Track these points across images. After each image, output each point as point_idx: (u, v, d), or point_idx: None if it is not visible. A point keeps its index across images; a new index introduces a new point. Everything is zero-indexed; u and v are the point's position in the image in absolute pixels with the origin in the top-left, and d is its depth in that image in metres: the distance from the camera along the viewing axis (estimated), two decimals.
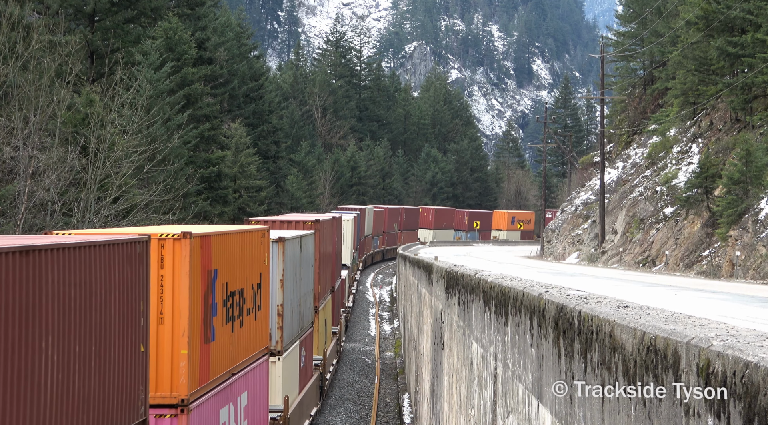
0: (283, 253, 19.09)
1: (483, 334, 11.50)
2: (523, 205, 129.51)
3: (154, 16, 47.17)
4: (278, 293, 19.05)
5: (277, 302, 19.00)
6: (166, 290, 12.14)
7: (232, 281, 14.22)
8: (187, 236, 12.12)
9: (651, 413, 4.71)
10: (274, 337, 18.82)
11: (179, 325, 12.08)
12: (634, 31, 67.01)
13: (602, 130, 55.87)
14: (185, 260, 12.11)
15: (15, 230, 24.39)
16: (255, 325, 15.95)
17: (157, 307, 12.00)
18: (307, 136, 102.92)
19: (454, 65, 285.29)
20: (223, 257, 13.70)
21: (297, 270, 21.35)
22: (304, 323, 22.94)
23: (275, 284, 18.87)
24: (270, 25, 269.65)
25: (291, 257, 20.12)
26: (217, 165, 47.93)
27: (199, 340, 12.48)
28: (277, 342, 19.05)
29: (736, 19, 40.52)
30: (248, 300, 15.33)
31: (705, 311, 15.40)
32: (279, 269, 19.07)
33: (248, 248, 15.49)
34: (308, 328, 23.90)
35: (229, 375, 14.17)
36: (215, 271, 13.26)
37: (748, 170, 34.38)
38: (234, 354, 14.41)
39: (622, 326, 5.24)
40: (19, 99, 27.18)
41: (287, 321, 19.71)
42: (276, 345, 18.98)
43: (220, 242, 13.66)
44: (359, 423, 27.98)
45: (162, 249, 12.13)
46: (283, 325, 19.18)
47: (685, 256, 38.26)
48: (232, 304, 14.19)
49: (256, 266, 16.08)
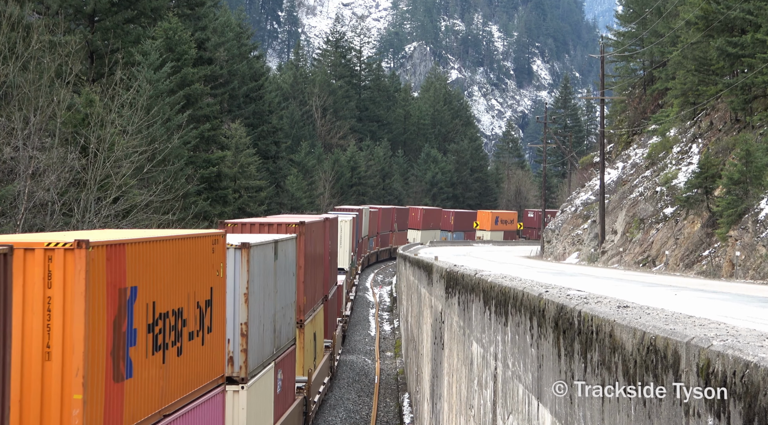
0: (247, 262, 16.35)
1: (483, 334, 11.50)
2: (523, 205, 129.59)
3: (154, 16, 47.18)
4: (242, 309, 16.33)
5: (241, 320, 16.28)
6: (55, 317, 9.52)
7: (163, 301, 11.63)
8: (83, 246, 9.51)
9: (651, 413, 4.71)
10: (236, 362, 16.17)
11: (71, 362, 9.48)
12: (634, 31, 67.02)
13: (602, 130, 55.87)
14: (80, 277, 9.50)
15: (15, 231, 24.41)
16: (203, 351, 13.34)
17: (42, 339, 9.53)
18: (307, 136, 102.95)
19: (454, 65, 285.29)
20: (148, 270, 11.11)
21: (270, 281, 18.65)
22: (281, 341, 20.07)
23: (237, 299, 16.26)
24: (270, 25, 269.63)
25: (260, 266, 17.46)
26: (217, 165, 47.94)
27: (103, 379, 9.92)
28: (240, 367, 16.19)
29: (736, 19, 40.52)
30: (191, 322, 12.71)
31: (705, 311, 15.40)
32: (242, 281, 16.34)
33: (191, 258, 12.82)
34: (288, 346, 21.14)
35: (160, 417, 11.60)
36: (133, 289, 10.63)
37: (748, 170, 34.38)
38: (167, 391, 11.82)
39: (622, 326, 5.24)
40: (19, 99, 27.18)
41: (255, 341, 16.97)
42: (239, 372, 16.18)
43: (141, 252, 10.94)
44: None
45: (50, 263, 9.56)
46: (248, 347, 16.31)
47: (685, 256, 38.26)
48: (163, 329, 11.57)
49: (205, 279, 13.49)
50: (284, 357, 20.30)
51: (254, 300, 16.84)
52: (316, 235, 26.97)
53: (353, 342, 42.38)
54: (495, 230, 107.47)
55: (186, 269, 12.59)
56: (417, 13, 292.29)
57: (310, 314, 25.35)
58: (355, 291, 58.24)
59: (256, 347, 17.11)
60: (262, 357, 17.78)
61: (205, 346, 13.43)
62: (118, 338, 10.26)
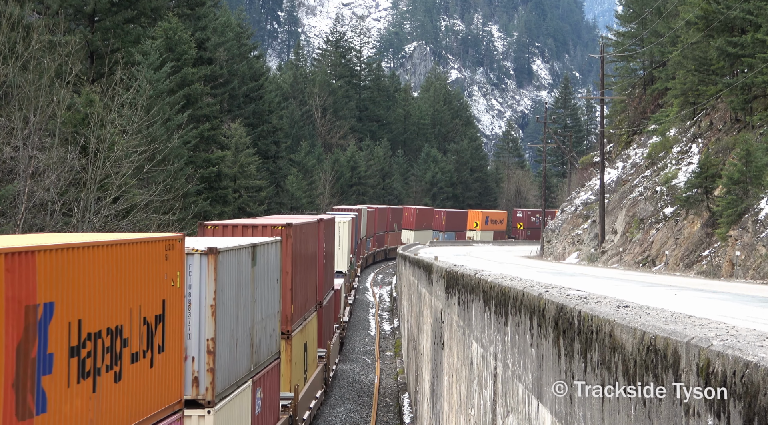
0: (215, 269, 14.59)
1: (483, 334, 11.50)
2: (523, 205, 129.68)
3: (154, 16, 47.22)
4: (208, 323, 14.55)
5: (207, 335, 14.52)
6: None
7: (93, 318, 9.87)
8: None
9: (651, 413, 4.71)
10: (202, 383, 14.41)
11: None
12: (634, 31, 67.03)
13: (602, 130, 55.88)
14: None
15: (15, 231, 24.41)
16: (152, 375, 11.62)
17: None
18: (307, 136, 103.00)
19: (453, 65, 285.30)
20: (70, 283, 9.39)
21: (246, 290, 16.81)
22: (260, 356, 18.06)
23: (203, 312, 14.52)
24: (270, 25, 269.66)
25: (232, 274, 15.71)
26: (217, 165, 47.96)
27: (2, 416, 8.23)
28: (206, 389, 14.41)
29: (736, 19, 40.52)
30: (134, 341, 10.96)
31: (705, 311, 15.40)
32: (209, 291, 14.59)
33: (135, 267, 11.09)
34: (271, 361, 19.17)
35: None
36: (47, 306, 8.92)
37: (748, 170, 34.39)
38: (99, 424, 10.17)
39: (622, 326, 5.24)
40: (19, 99, 27.19)
41: (225, 358, 15.24)
42: (205, 394, 14.37)
43: (60, 260, 9.16)
44: None
45: None
46: (216, 366, 14.55)
47: (685, 256, 38.26)
48: (93, 352, 9.87)
49: (155, 290, 11.82)
50: (265, 373, 18.36)
51: (224, 312, 15.11)
52: (307, 237, 25.01)
53: (353, 342, 42.34)
54: (485, 230, 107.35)
55: (128, 279, 10.83)
56: (417, 13, 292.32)
57: (300, 323, 23.66)
58: (354, 294, 55.92)
59: (227, 365, 15.40)
60: (236, 375, 16.06)
61: (155, 368, 11.67)
62: (25, 366, 8.45)
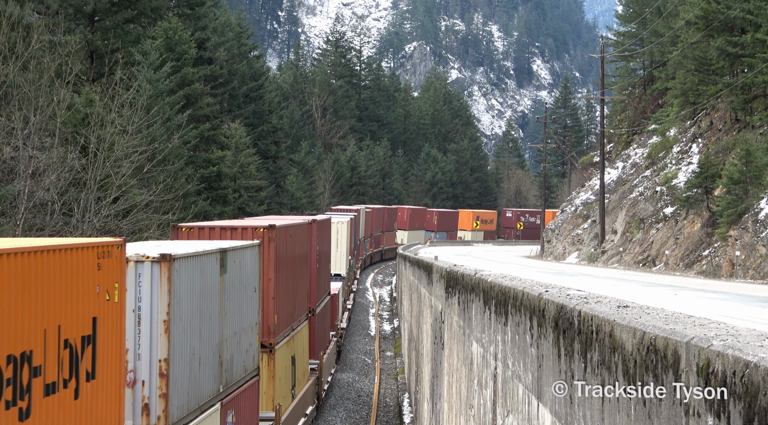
0: (168, 279, 12.66)
1: (483, 334, 11.50)
2: (523, 205, 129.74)
3: (154, 16, 47.23)
4: (160, 342, 12.66)
5: (159, 356, 12.64)
6: None
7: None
8: None
9: (651, 413, 4.71)
10: (154, 411, 12.73)
11: None
12: (634, 31, 67.05)
13: (602, 130, 55.88)
14: None
15: (15, 230, 24.42)
16: (76, 408, 9.88)
17: None
18: (307, 136, 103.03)
19: (454, 65, 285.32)
20: None
21: (212, 301, 14.87)
22: (232, 375, 16.11)
23: (155, 328, 12.64)
24: (270, 25, 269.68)
25: (192, 284, 13.82)
26: (217, 165, 47.97)
27: None
28: (158, 417, 12.75)
29: (736, 19, 40.53)
30: (50, 369, 9.18)
31: (705, 311, 15.40)
32: (161, 304, 12.70)
33: (53, 280, 9.37)
34: (247, 379, 17.20)
35: None
36: None
37: (748, 170, 34.40)
38: None
39: (622, 326, 5.24)
40: (19, 99, 27.20)
41: (183, 381, 13.39)
42: (157, 423, 12.77)
43: None
44: None
45: None
46: (169, 391, 12.75)
47: (685, 256, 38.26)
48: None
49: (82, 307, 10.06)
50: (238, 393, 16.43)
51: (181, 328, 13.20)
52: (295, 240, 22.97)
53: (353, 342, 42.32)
54: (476, 230, 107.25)
55: (41, 295, 9.08)
56: (417, 13, 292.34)
57: (287, 334, 21.71)
58: (354, 297, 53.39)
59: (187, 388, 13.56)
60: (199, 399, 14.13)
61: (81, 400, 9.92)
62: None
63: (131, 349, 12.47)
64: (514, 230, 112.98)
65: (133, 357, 12.49)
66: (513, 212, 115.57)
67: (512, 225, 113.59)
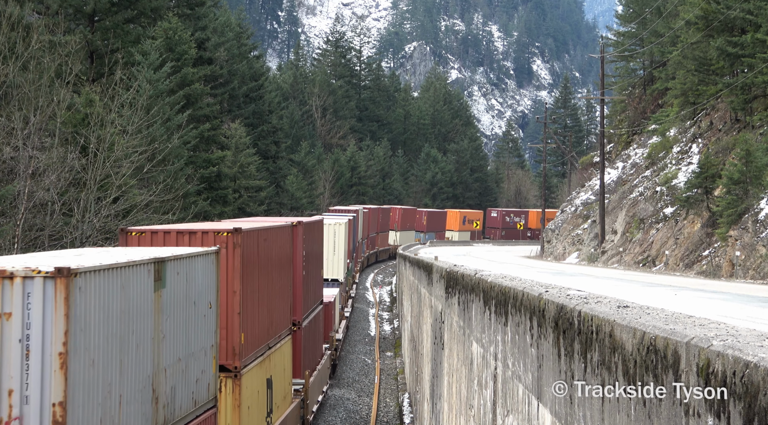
0: (65, 300, 9.67)
1: (483, 334, 11.50)
2: (524, 205, 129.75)
3: (154, 16, 47.23)
4: (54, 380, 9.84)
5: (53, 398, 9.67)
6: None
7: None
8: None
9: (651, 413, 4.71)
10: None
11: None
12: (634, 31, 67.06)
13: (602, 130, 55.90)
14: None
15: (15, 230, 24.42)
16: None
17: None
18: (307, 136, 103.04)
19: (453, 65, 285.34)
20: None
21: (140, 324, 11.90)
22: (175, 411, 13.20)
23: (47, 363, 9.83)
24: (270, 25, 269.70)
25: (109, 304, 10.91)
26: (217, 165, 47.98)
27: None
28: None
29: (736, 19, 40.53)
30: None
31: (705, 311, 15.40)
32: (55, 332, 9.83)
33: None
34: (199, 413, 14.25)
35: None
36: None
37: (748, 170, 34.40)
38: None
39: (622, 326, 5.24)
40: (19, 99, 27.20)
41: None
42: None
43: None
44: None
45: None
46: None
47: (685, 256, 38.26)
48: None
49: None
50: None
51: (86, 362, 10.25)
52: (271, 245, 20.00)
53: (352, 343, 42.29)
54: (462, 230, 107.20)
55: None
56: (417, 13, 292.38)
57: (261, 353, 18.59)
58: (352, 303, 50.00)
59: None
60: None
61: None
62: None
63: (16, 390, 9.83)
64: (499, 230, 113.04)
65: (20, 401, 9.82)
66: (498, 212, 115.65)
67: (497, 225, 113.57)
